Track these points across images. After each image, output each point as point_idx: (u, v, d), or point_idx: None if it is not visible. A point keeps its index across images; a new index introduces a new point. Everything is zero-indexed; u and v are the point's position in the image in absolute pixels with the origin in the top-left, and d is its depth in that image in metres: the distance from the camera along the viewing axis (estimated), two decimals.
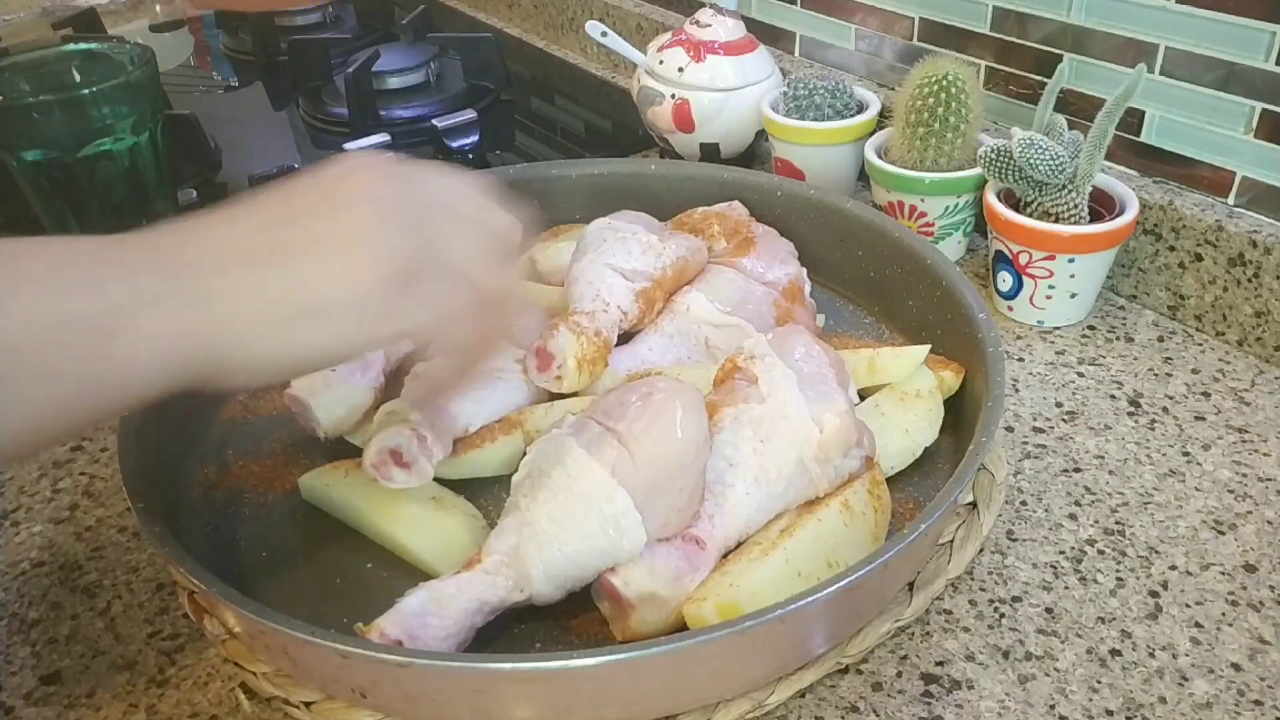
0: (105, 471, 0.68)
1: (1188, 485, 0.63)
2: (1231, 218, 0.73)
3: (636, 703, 0.48)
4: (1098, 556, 0.59)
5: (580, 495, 0.51)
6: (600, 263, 0.68)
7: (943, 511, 0.50)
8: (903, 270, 0.73)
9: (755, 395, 0.55)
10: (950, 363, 0.66)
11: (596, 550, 0.51)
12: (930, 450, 0.62)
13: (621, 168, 0.86)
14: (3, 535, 0.63)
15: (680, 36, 0.97)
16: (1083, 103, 0.82)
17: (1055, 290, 0.76)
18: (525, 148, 1.10)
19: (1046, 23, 0.82)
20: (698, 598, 0.51)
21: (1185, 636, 0.54)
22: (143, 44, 0.88)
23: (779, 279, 0.72)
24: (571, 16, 1.32)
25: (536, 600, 0.52)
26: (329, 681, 0.50)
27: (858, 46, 0.99)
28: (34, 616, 0.58)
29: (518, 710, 0.47)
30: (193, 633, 0.56)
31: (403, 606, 0.50)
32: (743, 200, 0.81)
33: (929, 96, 0.79)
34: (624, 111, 1.09)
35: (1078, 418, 0.69)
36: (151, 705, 0.53)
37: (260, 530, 0.61)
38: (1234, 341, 0.75)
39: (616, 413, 0.53)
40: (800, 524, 0.54)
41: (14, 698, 0.53)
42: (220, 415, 0.69)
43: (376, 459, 0.57)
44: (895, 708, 0.51)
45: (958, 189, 0.81)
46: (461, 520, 0.58)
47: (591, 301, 0.67)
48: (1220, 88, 0.73)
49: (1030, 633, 0.54)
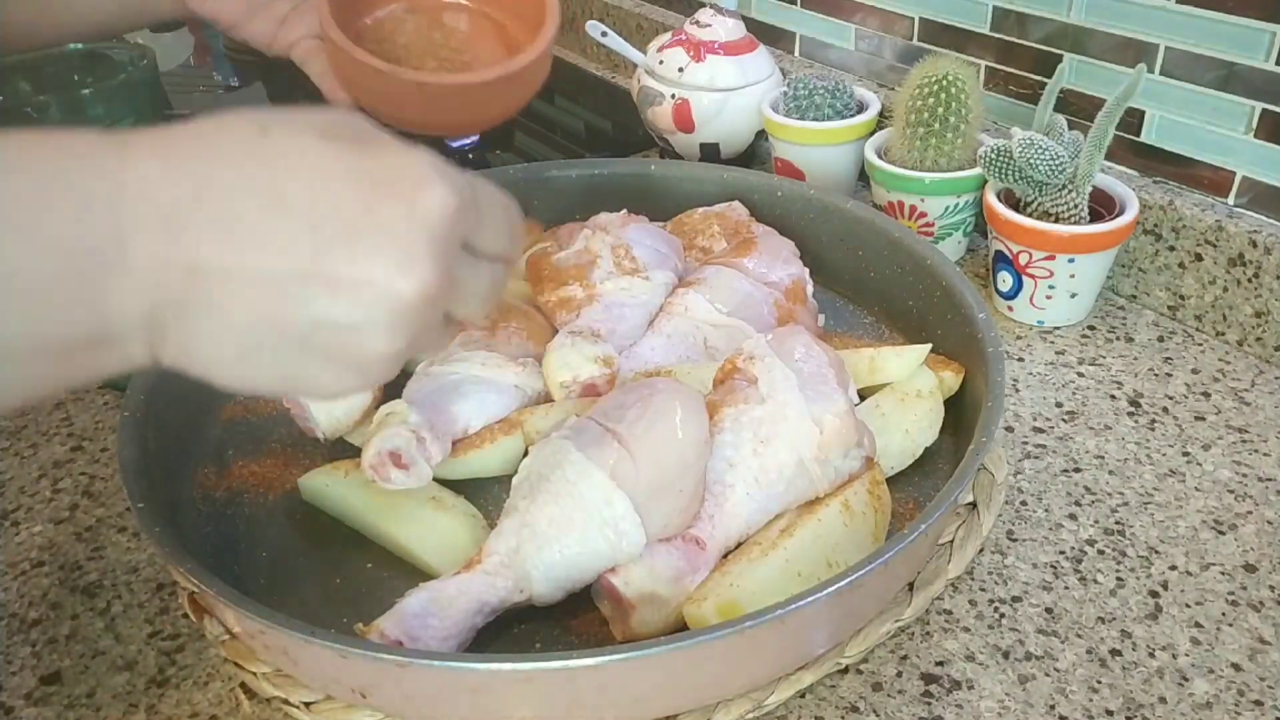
0: (105, 471, 0.68)
1: (1188, 485, 0.63)
2: (1231, 218, 0.73)
3: (636, 703, 0.48)
4: (1098, 556, 0.59)
5: (579, 499, 0.51)
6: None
7: (943, 511, 0.50)
8: (903, 270, 0.73)
9: (755, 396, 0.55)
10: (950, 363, 0.66)
11: (596, 552, 0.51)
12: (930, 450, 0.62)
13: (621, 168, 0.86)
14: (3, 535, 0.63)
15: (680, 36, 0.97)
16: (1083, 103, 0.82)
17: (1055, 290, 0.76)
18: (525, 148, 1.10)
19: (1046, 23, 0.82)
20: (698, 598, 0.51)
21: (1185, 636, 0.54)
22: (143, 44, 0.88)
23: (781, 279, 0.72)
24: (571, 16, 1.32)
25: (536, 601, 0.52)
26: (329, 681, 0.50)
27: (858, 46, 0.99)
28: (34, 616, 0.58)
29: (518, 710, 0.47)
30: (193, 633, 0.56)
31: (403, 607, 0.50)
32: (743, 200, 0.81)
33: (929, 96, 0.79)
34: (624, 111, 1.09)
35: (1078, 418, 0.69)
36: (151, 705, 0.53)
37: (260, 530, 0.61)
38: (1234, 341, 0.75)
39: (616, 414, 0.53)
40: (800, 524, 0.54)
41: (14, 698, 0.53)
42: (220, 415, 0.69)
43: (375, 460, 0.57)
44: (895, 708, 0.51)
45: (958, 189, 0.81)
46: (461, 520, 0.58)
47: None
48: (1220, 88, 0.73)
49: (1030, 633, 0.54)
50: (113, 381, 0.75)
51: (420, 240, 0.39)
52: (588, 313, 0.68)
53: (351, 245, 0.38)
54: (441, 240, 0.39)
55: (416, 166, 0.40)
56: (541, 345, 0.67)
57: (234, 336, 0.38)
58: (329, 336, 0.39)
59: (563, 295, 0.69)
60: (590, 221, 0.74)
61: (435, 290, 0.39)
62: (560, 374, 0.63)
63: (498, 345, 0.66)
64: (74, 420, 0.73)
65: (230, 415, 0.69)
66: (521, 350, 0.67)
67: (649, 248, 0.72)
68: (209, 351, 0.39)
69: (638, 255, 0.71)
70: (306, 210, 0.37)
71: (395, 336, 0.39)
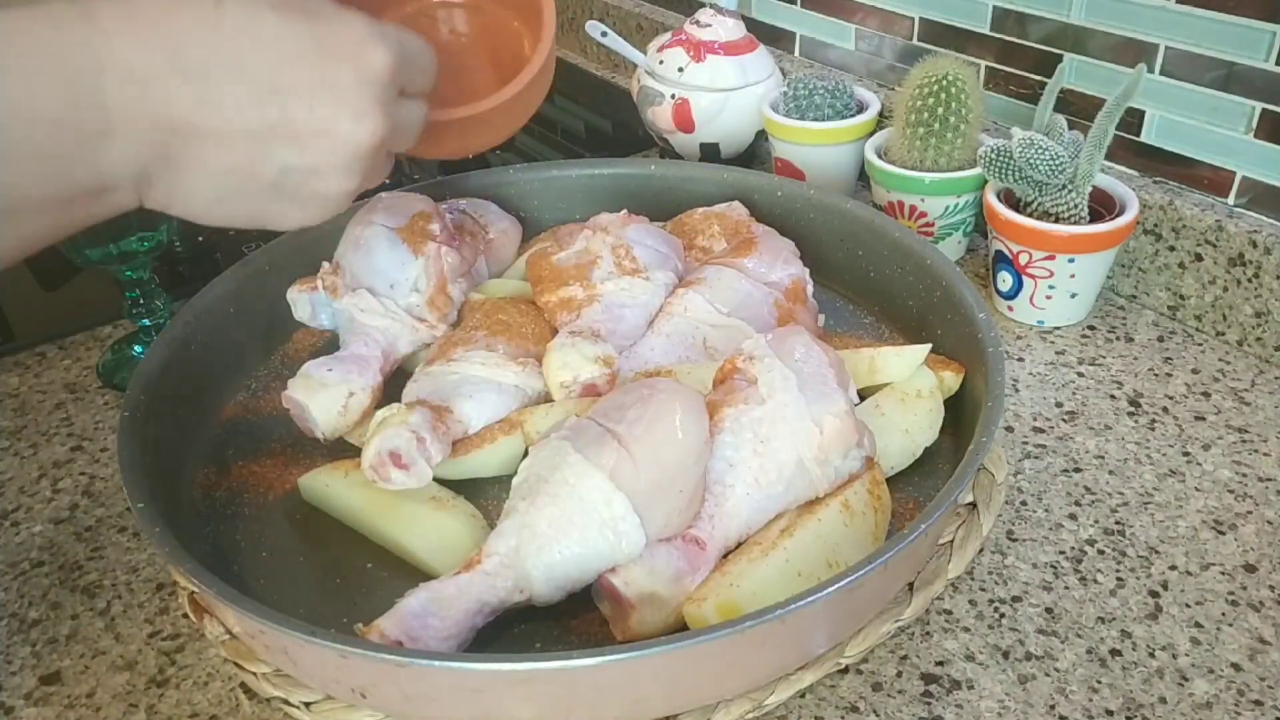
0: (105, 471, 0.68)
1: (1188, 485, 0.63)
2: (1231, 218, 0.73)
3: (636, 703, 0.48)
4: (1098, 556, 0.59)
5: (578, 500, 0.51)
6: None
7: (943, 511, 0.50)
8: (903, 270, 0.73)
9: (755, 396, 0.55)
10: (950, 363, 0.66)
11: (596, 553, 0.51)
12: (930, 450, 0.62)
13: (621, 168, 0.86)
14: (3, 535, 0.63)
15: (680, 36, 0.97)
16: (1083, 103, 0.82)
17: (1055, 290, 0.76)
18: (525, 148, 1.10)
19: (1046, 23, 0.82)
20: (698, 598, 0.51)
21: (1185, 636, 0.54)
22: None
23: (782, 279, 0.72)
24: (571, 16, 1.32)
25: (536, 601, 0.52)
26: (329, 681, 0.49)
27: (858, 46, 0.99)
28: (34, 616, 0.58)
29: (518, 710, 0.47)
30: (193, 633, 0.56)
31: (403, 607, 0.50)
32: (743, 200, 0.81)
33: (929, 96, 0.79)
34: (624, 111, 1.09)
35: (1078, 418, 0.69)
36: (151, 705, 0.53)
37: (260, 530, 0.61)
38: (1234, 341, 0.75)
39: (616, 414, 0.53)
40: (800, 524, 0.54)
41: (14, 698, 0.53)
42: (220, 415, 0.69)
43: (375, 460, 0.57)
44: (895, 708, 0.51)
45: (958, 189, 0.81)
46: (461, 520, 0.58)
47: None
48: (1220, 88, 0.73)
49: (1030, 633, 0.54)
50: (113, 381, 0.75)
51: (368, 94, 0.46)
52: (588, 313, 0.68)
53: (310, 102, 0.44)
54: (384, 92, 0.47)
55: (358, 30, 0.46)
56: (541, 345, 0.67)
57: (212, 183, 0.45)
58: (295, 179, 0.46)
59: (563, 295, 0.69)
60: (590, 221, 0.74)
61: (383, 134, 0.47)
62: (560, 374, 0.63)
63: (498, 344, 0.67)
64: (74, 420, 0.73)
65: (230, 415, 0.70)
66: (521, 350, 0.67)
67: (649, 248, 0.72)
68: (191, 196, 0.45)
69: (638, 255, 0.71)
70: (268, 74, 0.44)
71: (352, 176, 0.47)
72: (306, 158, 0.45)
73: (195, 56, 0.42)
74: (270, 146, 0.44)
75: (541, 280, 0.71)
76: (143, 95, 0.41)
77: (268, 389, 0.71)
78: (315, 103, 0.44)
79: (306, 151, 0.45)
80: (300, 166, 0.46)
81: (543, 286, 0.71)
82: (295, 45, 0.44)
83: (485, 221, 0.79)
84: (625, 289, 0.69)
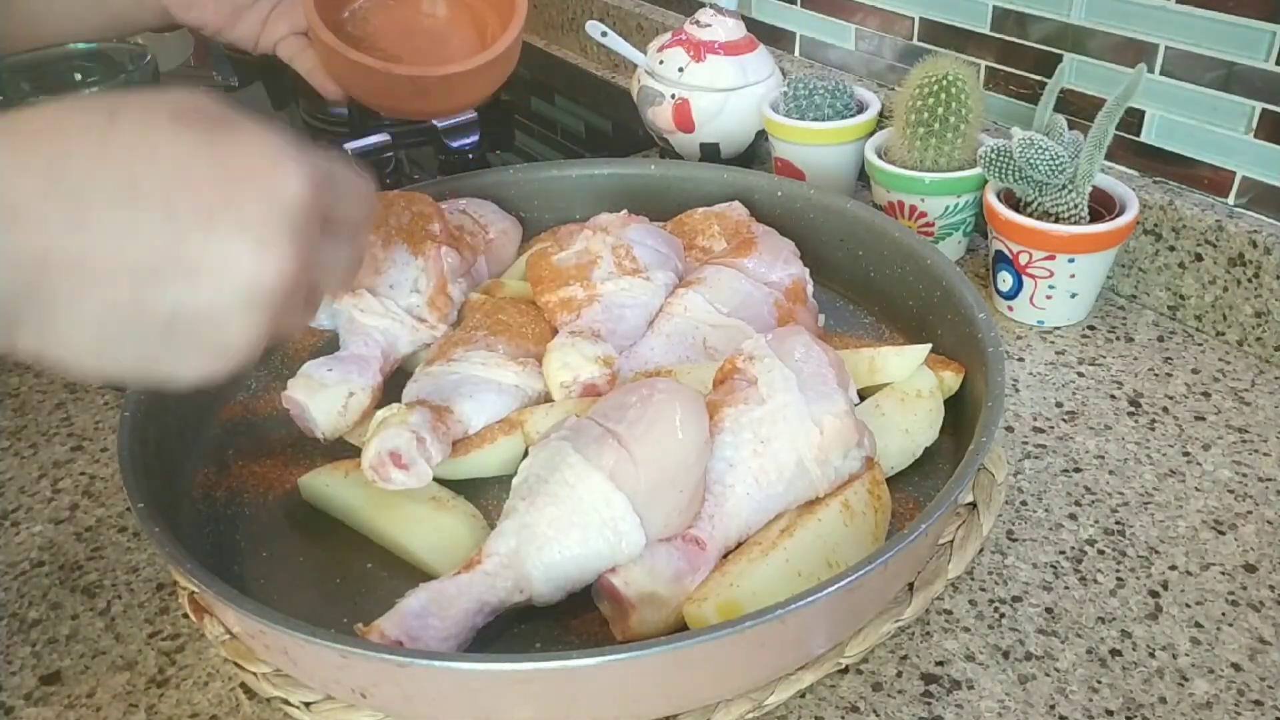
0: (105, 471, 0.68)
1: (1188, 485, 0.63)
2: (1231, 218, 0.73)
3: (636, 703, 0.48)
4: (1098, 556, 0.59)
5: (578, 500, 0.51)
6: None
7: (943, 511, 0.50)
8: (903, 270, 0.73)
9: (755, 396, 0.55)
10: (950, 363, 0.66)
11: (596, 553, 0.51)
12: (930, 450, 0.62)
13: (621, 168, 0.86)
14: (3, 535, 0.63)
15: (680, 36, 0.97)
16: (1083, 103, 0.82)
17: (1055, 290, 0.76)
18: (525, 148, 1.10)
19: (1046, 23, 0.82)
20: (698, 598, 0.51)
21: (1185, 636, 0.54)
22: (143, 44, 0.88)
23: (782, 279, 0.72)
24: (571, 16, 1.32)
25: (536, 601, 0.52)
26: (329, 681, 0.50)
27: (858, 46, 0.99)
28: (34, 616, 0.58)
29: (518, 710, 0.47)
30: (193, 633, 0.56)
31: (403, 607, 0.50)
32: (743, 200, 0.81)
33: (929, 96, 0.79)
34: (624, 111, 1.09)
35: (1078, 418, 0.69)
36: (151, 705, 0.53)
37: (260, 530, 0.61)
38: (1234, 341, 0.75)
39: (616, 414, 0.53)
40: (800, 524, 0.54)
41: (14, 698, 0.53)
42: (220, 415, 0.69)
43: (375, 460, 0.57)
44: (895, 708, 0.51)
45: (958, 189, 0.81)
46: (461, 520, 0.58)
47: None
48: (1220, 88, 0.73)
49: (1030, 633, 0.54)
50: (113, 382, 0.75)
51: (276, 223, 0.39)
52: (588, 313, 0.68)
53: (208, 231, 0.38)
54: (298, 222, 0.39)
55: (270, 149, 0.40)
56: (541, 345, 0.67)
57: (91, 327, 0.38)
58: (189, 324, 0.39)
59: (563, 295, 0.69)
60: (590, 221, 0.74)
61: (294, 272, 0.39)
62: (560, 374, 0.63)
63: (498, 345, 0.67)
64: (74, 420, 0.73)
65: (230, 415, 0.70)
66: (521, 350, 0.67)
67: (649, 248, 0.72)
68: (66, 342, 0.39)
69: (638, 255, 0.71)
70: (160, 198, 0.37)
71: (256, 320, 0.39)
72: (201, 296, 0.38)
73: (75, 179, 0.37)
74: (159, 283, 0.37)
75: (541, 280, 0.71)
76: (10, 226, 0.36)
77: (267, 389, 0.71)
78: (212, 232, 0.38)
79: (201, 289, 0.38)
80: (194, 307, 0.38)
81: (542, 286, 0.71)
82: (194, 164, 0.38)
83: (485, 221, 0.79)
84: (625, 289, 0.69)
